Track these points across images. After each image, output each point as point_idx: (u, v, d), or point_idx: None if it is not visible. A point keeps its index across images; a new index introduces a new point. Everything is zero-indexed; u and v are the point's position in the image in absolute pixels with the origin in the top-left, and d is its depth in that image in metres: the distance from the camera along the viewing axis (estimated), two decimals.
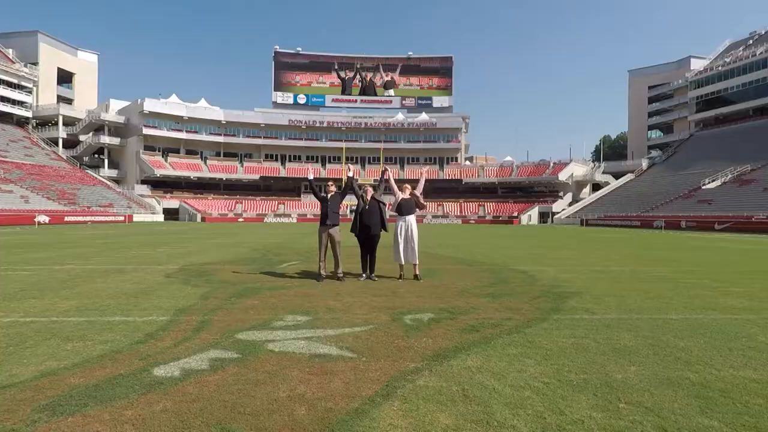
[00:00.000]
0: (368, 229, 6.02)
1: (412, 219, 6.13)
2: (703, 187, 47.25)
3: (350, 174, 6.37)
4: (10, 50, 65.37)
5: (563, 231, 30.09)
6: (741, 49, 66.63)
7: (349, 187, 6.30)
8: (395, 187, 6.35)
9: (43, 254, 9.79)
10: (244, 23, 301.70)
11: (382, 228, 6.16)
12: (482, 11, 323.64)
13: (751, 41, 68.94)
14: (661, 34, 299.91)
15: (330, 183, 6.25)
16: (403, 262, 6.15)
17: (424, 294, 5.11)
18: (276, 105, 78.99)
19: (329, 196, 6.12)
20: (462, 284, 5.85)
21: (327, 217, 6.00)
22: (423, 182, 6.60)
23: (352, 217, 6.23)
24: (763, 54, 58.94)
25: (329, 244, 6.10)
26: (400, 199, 6.14)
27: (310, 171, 6.54)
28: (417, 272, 6.16)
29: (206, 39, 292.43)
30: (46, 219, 36.06)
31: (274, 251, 10.62)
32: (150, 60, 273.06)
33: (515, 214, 56.70)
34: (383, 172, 6.41)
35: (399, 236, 6.03)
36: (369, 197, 6.13)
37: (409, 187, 6.31)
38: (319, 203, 6.22)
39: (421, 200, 6.33)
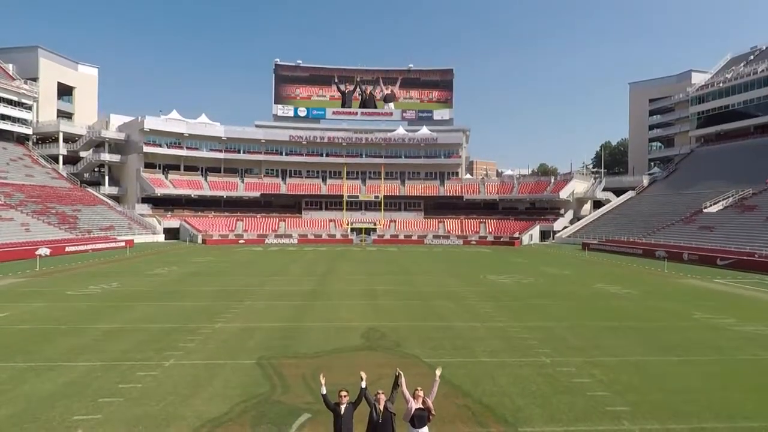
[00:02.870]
0: None
1: (425, 431, 6.06)
2: (705, 211, 47.28)
3: (363, 385, 6.28)
4: (10, 65, 65.29)
5: (566, 272, 30.10)
6: (742, 65, 66.71)
7: (362, 397, 6.22)
8: (407, 393, 6.28)
9: (28, 386, 9.80)
10: (245, 33, 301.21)
11: None
12: (484, 14, 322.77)
13: (752, 57, 68.98)
14: (663, 37, 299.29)
15: (343, 394, 6.15)
16: None
17: None
18: (276, 118, 79.11)
19: (342, 408, 6.04)
20: None
21: None
22: (436, 389, 6.52)
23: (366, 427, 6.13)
24: (764, 72, 58.99)
25: None
26: (413, 410, 6.07)
27: (323, 382, 6.39)
28: None
29: (207, 50, 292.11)
30: (47, 252, 36.06)
31: (281, 372, 10.49)
32: (150, 71, 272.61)
33: (516, 234, 56.66)
34: (396, 378, 6.34)
35: None
36: (382, 407, 6.05)
37: (422, 394, 6.24)
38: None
39: (433, 410, 6.26)
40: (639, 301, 19.61)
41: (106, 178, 65.13)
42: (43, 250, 35.75)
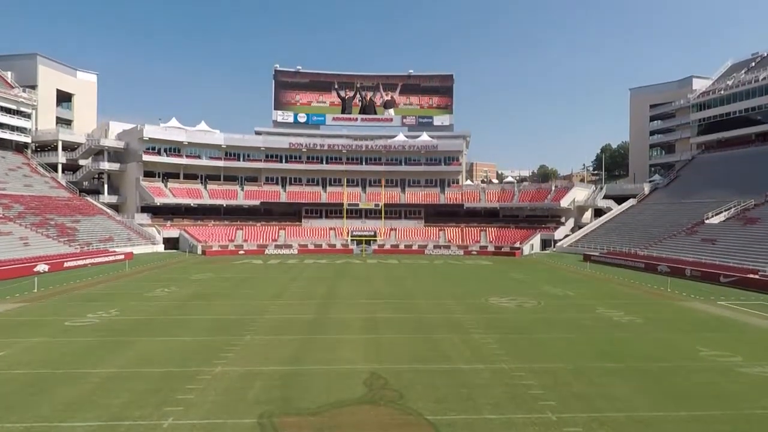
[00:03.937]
0: None
1: None
2: (707, 222, 47.18)
3: None
4: (9, 73, 65.26)
5: (568, 292, 29.96)
6: (743, 71, 66.63)
7: None
8: None
9: None
10: (245, 38, 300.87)
11: None
12: (484, 15, 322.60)
13: (753, 63, 68.89)
14: (663, 39, 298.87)
15: None
16: None
17: None
18: (276, 124, 79.12)
19: None
20: None
21: None
22: None
23: None
24: (766, 80, 58.91)
25: None
26: None
27: None
28: None
29: (207, 54, 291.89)
30: (46, 268, 35.90)
31: None
32: (149, 76, 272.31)
33: (517, 243, 56.54)
34: None
35: None
36: None
37: None
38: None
39: None
40: (642, 332, 19.39)
41: (105, 186, 64.94)
42: (42, 267, 35.58)
